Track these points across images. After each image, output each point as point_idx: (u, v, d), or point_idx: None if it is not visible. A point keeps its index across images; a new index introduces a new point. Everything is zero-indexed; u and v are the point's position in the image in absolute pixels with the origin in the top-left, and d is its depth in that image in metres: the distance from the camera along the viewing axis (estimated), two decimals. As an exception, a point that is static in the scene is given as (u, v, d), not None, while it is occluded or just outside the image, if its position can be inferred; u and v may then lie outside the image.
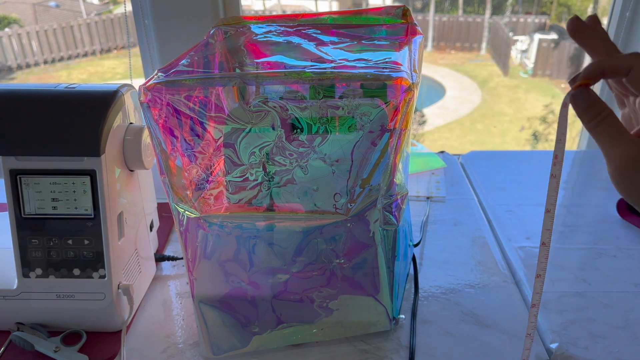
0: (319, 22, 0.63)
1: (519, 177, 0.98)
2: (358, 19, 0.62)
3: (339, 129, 0.49)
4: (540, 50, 6.49)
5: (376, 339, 0.60)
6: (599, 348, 0.59)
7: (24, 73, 6.03)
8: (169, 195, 0.52)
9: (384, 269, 0.56)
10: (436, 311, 0.65)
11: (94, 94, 0.56)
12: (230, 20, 0.64)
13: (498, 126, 5.54)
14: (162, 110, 0.48)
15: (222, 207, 0.51)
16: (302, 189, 0.51)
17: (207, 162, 0.50)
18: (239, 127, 0.49)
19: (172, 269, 0.74)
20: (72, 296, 0.58)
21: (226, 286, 0.55)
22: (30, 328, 0.59)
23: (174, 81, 0.48)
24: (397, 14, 0.62)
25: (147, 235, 0.68)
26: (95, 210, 0.56)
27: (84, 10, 7.01)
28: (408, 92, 0.48)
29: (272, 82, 0.48)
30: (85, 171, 0.56)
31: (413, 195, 0.92)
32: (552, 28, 6.98)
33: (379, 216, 0.53)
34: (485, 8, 7.26)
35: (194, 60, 0.54)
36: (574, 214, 0.86)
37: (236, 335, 0.57)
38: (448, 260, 0.75)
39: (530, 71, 6.61)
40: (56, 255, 0.58)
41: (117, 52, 6.63)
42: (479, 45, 7.17)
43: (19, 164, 0.56)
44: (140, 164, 0.61)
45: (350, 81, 0.48)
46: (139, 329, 0.63)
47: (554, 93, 6.15)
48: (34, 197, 0.56)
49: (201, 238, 0.53)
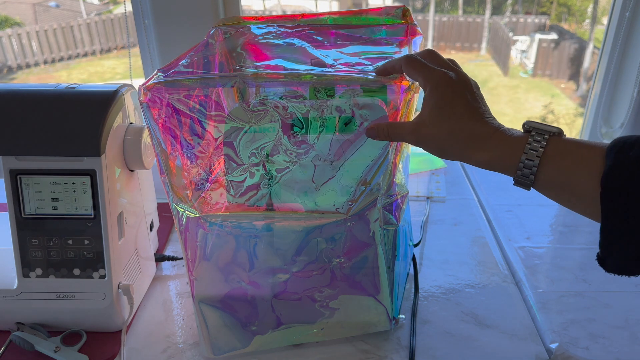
0: (319, 22, 0.62)
1: (519, 177, 0.98)
2: (358, 19, 0.62)
3: (339, 128, 0.49)
4: (540, 50, 6.49)
5: (376, 339, 0.60)
6: (599, 348, 0.59)
7: (24, 73, 6.03)
8: (169, 195, 0.52)
9: (384, 268, 0.56)
10: (436, 311, 0.65)
11: (94, 94, 0.56)
12: (230, 21, 0.64)
13: (498, 126, 5.53)
14: (162, 110, 0.48)
15: (222, 207, 0.52)
16: (302, 188, 0.51)
17: (207, 162, 0.50)
18: (239, 126, 0.49)
19: (172, 269, 0.74)
20: (72, 296, 0.58)
21: (226, 286, 0.55)
22: (30, 328, 0.59)
23: (173, 81, 0.48)
24: (397, 15, 0.62)
25: (147, 235, 0.68)
26: (95, 210, 0.56)
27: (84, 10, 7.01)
28: (408, 92, 0.48)
29: (271, 83, 0.48)
30: (85, 171, 0.56)
31: (413, 195, 0.92)
32: (552, 28, 6.98)
33: (379, 216, 0.53)
34: (485, 8, 7.26)
35: (193, 60, 0.54)
36: (574, 214, 0.85)
37: (236, 335, 0.57)
38: (448, 260, 0.75)
39: (530, 71, 6.62)
40: (56, 255, 0.58)
41: (117, 52, 6.63)
42: (479, 45, 7.18)
43: (19, 164, 0.56)
44: (140, 164, 0.61)
45: (350, 83, 0.48)
46: (139, 329, 0.63)
47: (554, 93, 6.15)
48: (34, 197, 0.56)
49: (201, 238, 0.53)
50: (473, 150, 0.45)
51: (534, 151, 0.42)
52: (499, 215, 0.85)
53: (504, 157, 0.44)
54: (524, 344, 0.60)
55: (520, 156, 0.43)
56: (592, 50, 6.11)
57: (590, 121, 1.25)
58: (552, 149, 0.42)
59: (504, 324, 0.62)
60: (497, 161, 0.44)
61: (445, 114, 0.45)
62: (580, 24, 7.01)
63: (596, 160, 0.41)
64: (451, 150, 0.46)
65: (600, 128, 1.23)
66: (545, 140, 0.43)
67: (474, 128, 0.45)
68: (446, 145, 0.46)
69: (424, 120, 0.46)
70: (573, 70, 6.44)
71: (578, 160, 0.42)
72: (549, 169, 0.42)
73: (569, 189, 0.42)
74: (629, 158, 0.39)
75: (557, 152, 0.42)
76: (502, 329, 0.62)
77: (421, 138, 0.46)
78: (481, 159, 0.45)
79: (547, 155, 0.42)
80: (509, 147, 0.43)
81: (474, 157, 0.45)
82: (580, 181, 0.41)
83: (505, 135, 0.44)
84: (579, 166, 0.41)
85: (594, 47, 6.07)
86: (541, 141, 0.43)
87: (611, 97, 1.21)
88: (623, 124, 1.17)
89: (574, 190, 0.42)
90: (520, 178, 0.43)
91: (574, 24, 7.01)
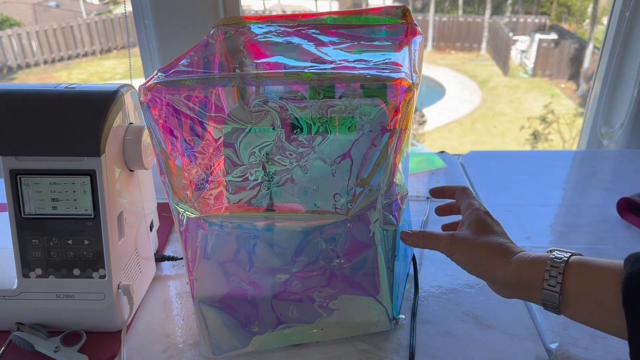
0: (319, 22, 0.62)
1: (518, 177, 0.98)
2: (358, 19, 0.62)
3: (339, 129, 0.49)
4: (540, 50, 6.49)
5: (376, 339, 0.60)
6: (599, 348, 0.59)
7: (24, 73, 6.03)
8: (169, 195, 0.52)
9: (384, 269, 0.56)
10: (436, 311, 0.65)
11: (94, 94, 0.56)
12: (230, 21, 0.64)
13: (498, 126, 5.55)
14: (162, 110, 0.48)
15: (222, 207, 0.51)
16: (302, 189, 0.51)
17: (207, 162, 0.50)
18: (239, 127, 0.49)
19: (172, 269, 0.74)
20: (72, 296, 0.58)
21: (226, 286, 0.55)
22: (30, 328, 0.59)
23: (173, 81, 0.48)
24: (397, 14, 0.62)
25: (147, 235, 0.68)
26: (95, 210, 0.56)
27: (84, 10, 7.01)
28: (408, 93, 0.48)
29: (272, 82, 0.48)
30: (85, 171, 0.56)
31: (413, 195, 0.92)
32: (552, 28, 6.98)
33: (379, 216, 0.53)
34: (485, 8, 7.26)
35: (193, 60, 0.54)
36: (574, 214, 0.86)
37: (236, 335, 0.57)
38: (448, 260, 0.74)
39: (530, 71, 6.61)
40: (56, 255, 0.58)
41: (117, 52, 6.63)
42: (479, 45, 7.17)
43: (19, 164, 0.56)
44: (140, 164, 0.61)
45: (350, 82, 0.48)
46: (139, 329, 0.63)
47: (554, 93, 6.15)
48: (34, 197, 0.56)
49: (201, 238, 0.53)
50: (499, 263, 0.49)
51: (555, 267, 0.45)
52: (499, 215, 0.85)
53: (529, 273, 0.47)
54: (524, 344, 0.60)
55: (544, 273, 0.45)
56: (592, 50, 6.11)
57: (590, 121, 1.25)
58: (574, 260, 0.45)
59: (504, 324, 0.62)
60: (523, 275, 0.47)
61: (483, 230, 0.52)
62: (580, 24, 7.01)
63: (616, 270, 0.42)
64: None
65: (600, 128, 1.23)
66: (567, 256, 0.45)
67: (503, 243, 0.50)
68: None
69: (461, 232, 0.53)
70: (573, 70, 6.44)
71: (599, 272, 0.43)
72: (572, 281, 0.44)
73: (593, 300, 0.44)
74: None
75: (578, 263, 0.45)
76: (502, 329, 0.62)
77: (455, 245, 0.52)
78: (507, 271, 0.48)
79: (569, 266, 0.45)
80: (533, 264, 0.47)
81: (499, 271, 0.48)
82: (604, 291, 0.43)
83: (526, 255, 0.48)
84: (601, 277, 0.43)
85: (594, 47, 6.07)
86: (562, 257, 0.45)
87: (611, 97, 1.21)
88: (623, 124, 1.18)
89: (597, 301, 0.43)
90: (547, 289, 0.45)
91: (574, 24, 7.01)
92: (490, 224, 0.52)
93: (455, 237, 0.51)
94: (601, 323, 0.44)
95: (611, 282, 0.42)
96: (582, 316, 0.45)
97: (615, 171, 1.03)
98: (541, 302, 0.46)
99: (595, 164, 1.05)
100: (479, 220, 0.52)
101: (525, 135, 5.44)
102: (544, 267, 0.45)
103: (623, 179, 0.98)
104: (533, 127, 5.47)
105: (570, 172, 1.02)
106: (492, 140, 5.40)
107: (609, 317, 0.42)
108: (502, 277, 0.48)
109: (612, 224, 0.83)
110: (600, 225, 0.83)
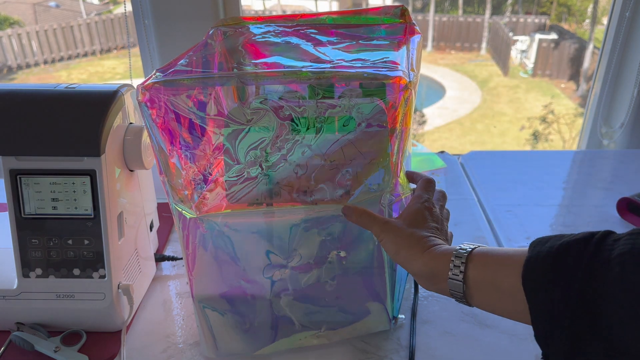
0: (318, 22, 0.63)
1: (519, 177, 0.98)
2: (357, 19, 0.62)
3: (338, 128, 0.49)
4: (540, 50, 6.49)
5: (376, 339, 0.60)
6: (599, 348, 0.59)
7: (24, 73, 6.03)
8: (168, 195, 0.52)
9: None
10: (436, 311, 0.65)
11: (94, 94, 0.56)
12: (230, 21, 0.64)
13: (498, 126, 5.55)
14: (161, 110, 0.48)
15: (221, 207, 0.52)
16: (300, 187, 0.51)
17: (206, 161, 0.50)
18: (238, 127, 0.49)
19: (172, 269, 0.74)
20: (72, 296, 0.58)
21: (226, 286, 0.55)
22: (30, 328, 0.59)
23: (172, 81, 0.48)
24: (396, 14, 0.62)
25: (147, 235, 0.68)
26: (95, 210, 0.56)
27: (84, 10, 7.01)
28: (406, 90, 0.48)
29: (270, 81, 0.48)
30: (85, 171, 0.56)
31: (413, 195, 0.92)
32: (552, 28, 6.98)
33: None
34: (485, 8, 7.26)
35: (192, 60, 0.54)
36: (574, 214, 0.86)
37: (236, 335, 0.57)
38: (448, 260, 0.75)
39: (530, 71, 6.62)
40: (56, 255, 0.58)
41: (117, 52, 6.63)
42: (479, 45, 7.18)
43: (19, 164, 0.56)
44: (140, 164, 0.61)
45: (348, 80, 0.48)
46: (139, 329, 0.63)
47: (554, 93, 6.15)
48: (34, 197, 0.56)
49: (200, 238, 0.53)
50: (414, 254, 0.49)
51: (459, 257, 0.46)
52: (499, 215, 0.85)
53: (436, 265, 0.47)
54: (524, 344, 0.60)
55: (449, 264, 0.46)
56: (592, 50, 6.11)
57: (590, 121, 1.25)
58: (478, 250, 0.46)
59: (504, 324, 0.62)
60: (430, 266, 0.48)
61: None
62: (580, 24, 7.01)
63: (520, 256, 0.42)
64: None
65: (600, 128, 1.23)
66: (472, 247, 0.46)
67: (425, 237, 0.49)
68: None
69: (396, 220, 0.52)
70: (573, 70, 6.44)
71: (501, 259, 0.44)
72: (474, 269, 0.44)
73: (492, 285, 0.44)
74: (545, 248, 0.41)
75: (482, 252, 0.45)
76: (502, 329, 0.62)
77: (386, 230, 0.50)
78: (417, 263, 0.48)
79: (472, 256, 0.45)
80: (441, 256, 0.47)
81: (413, 262, 0.48)
82: (505, 276, 0.43)
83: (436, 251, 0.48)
84: (503, 264, 0.43)
85: (594, 47, 6.07)
86: (467, 249, 0.46)
87: (611, 97, 1.21)
88: (623, 124, 1.18)
89: (497, 286, 0.43)
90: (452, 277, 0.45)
91: (574, 24, 7.01)
92: (425, 217, 0.51)
93: (388, 224, 0.50)
94: (505, 309, 0.44)
95: (513, 268, 0.42)
96: (486, 303, 0.45)
97: (615, 171, 1.03)
98: (449, 293, 0.46)
99: (595, 164, 1.05)
100: (415, 211, 0.51)
101: (525, 135, 5.44)
102: (450, 258, 0.46)
103: (623, 179, 0.98)
104: (533, 127, 5.48)
105: (570, 172, 1.02)
106: (492, 140, 5.40)
107: (511, 302, 0.42)
108: (416, 268, 0.48)
109: (612, 224, 0.83)
110: (600, 225, 0.83)
